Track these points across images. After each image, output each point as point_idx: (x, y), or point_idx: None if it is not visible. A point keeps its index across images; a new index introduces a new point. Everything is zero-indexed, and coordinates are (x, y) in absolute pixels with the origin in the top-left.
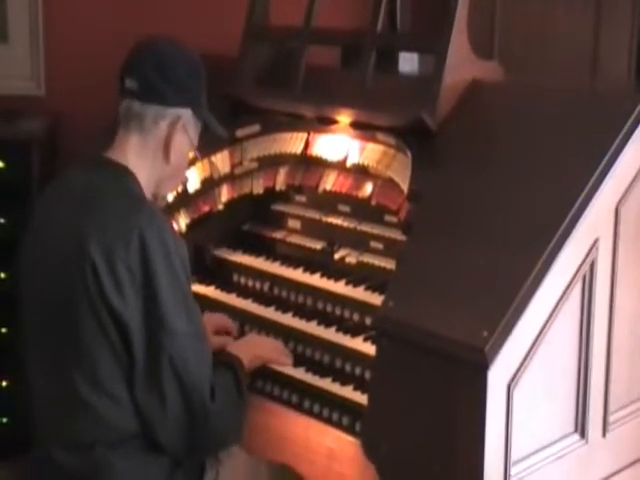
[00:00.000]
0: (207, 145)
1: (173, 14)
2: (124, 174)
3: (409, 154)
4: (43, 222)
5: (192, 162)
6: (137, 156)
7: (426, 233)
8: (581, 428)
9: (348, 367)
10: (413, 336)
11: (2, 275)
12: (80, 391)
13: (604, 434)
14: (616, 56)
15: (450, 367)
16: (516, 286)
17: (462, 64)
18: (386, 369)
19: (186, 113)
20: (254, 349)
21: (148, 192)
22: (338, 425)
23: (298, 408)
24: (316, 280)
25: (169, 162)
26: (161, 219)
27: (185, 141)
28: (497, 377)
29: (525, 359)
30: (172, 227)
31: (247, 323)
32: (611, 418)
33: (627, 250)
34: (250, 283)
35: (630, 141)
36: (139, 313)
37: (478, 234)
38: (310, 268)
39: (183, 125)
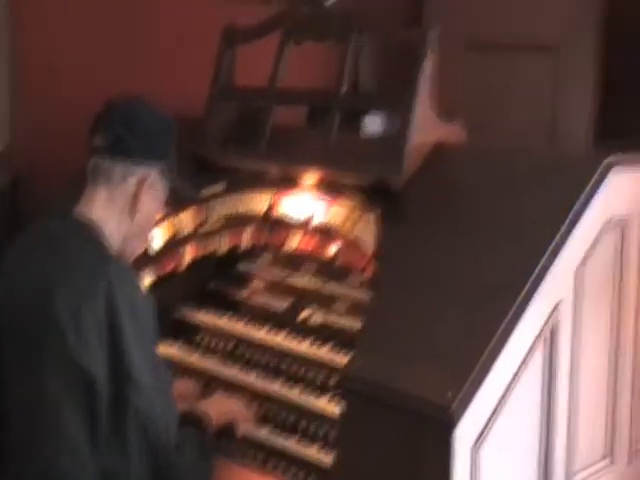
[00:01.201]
0: (172, 203)
1: (143, 72)
2: (92, 228)
3: (376, 212)
4: (11, 274)
5: (158, 222)
6: (104, 210)
7: (392, 290)
8: None
9: (313, 427)
10: (380, 394)
11: None
12: (43, 448)
13: None
14: (575, 120)
15: (416, 426)
16: (481, 346)
17: (427, 126)
18: (352, 426)
19: (154, 171)
20: (220, 407)
21: (115, 248)
22: None
23: (263, 468)
24: (281, 339)
25: (136, 219)
26: (129, 273)
27: (153, 199)
28: (463, 436)
29: (490, 419)
30: (139, 282)
31: (211, 383)
32: (575, 479)
33: (589, 313)
34: (214, 342)
35: (590, 204)
36: (105, 367)
37: (443, 292)
38: (275, 327)
39: (151, 183)
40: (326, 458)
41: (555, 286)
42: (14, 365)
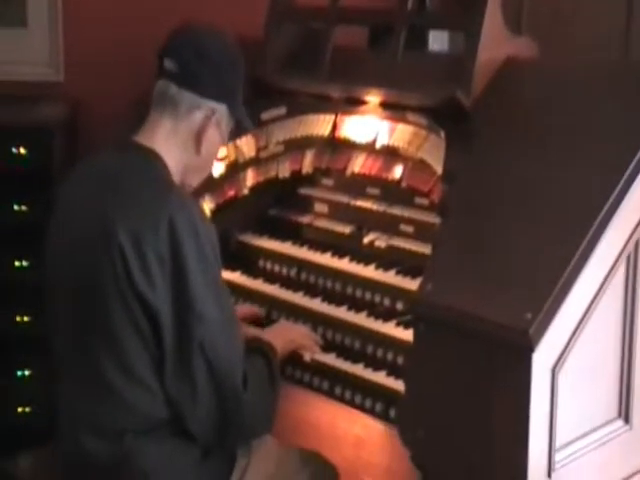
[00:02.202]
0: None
1: None
2: (153, 159)
3: (442, 134)
4: (69, 207)
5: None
6: (167, 142)
7: (463, 215)
8: (625, 413)
9: (380, 353)
10: (453, 319)
11: (25, 263)
12: (110, 379)
13: None
14: None
15: (493, 350)
16: (560, 268)
17: (496, 42)
18: (424, 353)
19: (221, 108)
20: (286, 335)
21: (175, 179)
22: (371, 412)
23: (329, 395)
24: (345, 265)
25: (199, 154)
26: (191, 203)
27: (217, 135)
28: (541, 360)
29: (569, 342)
30: (202, 212)
31: (274, 309)
32: None
33: None
34: (277, 268)
35: None
36: (168, 299)
37: (517, 215)
38: (338, 252)
39: (217, 120)
40: (394, 384)
41: (636, 203)
42: (72, 304)
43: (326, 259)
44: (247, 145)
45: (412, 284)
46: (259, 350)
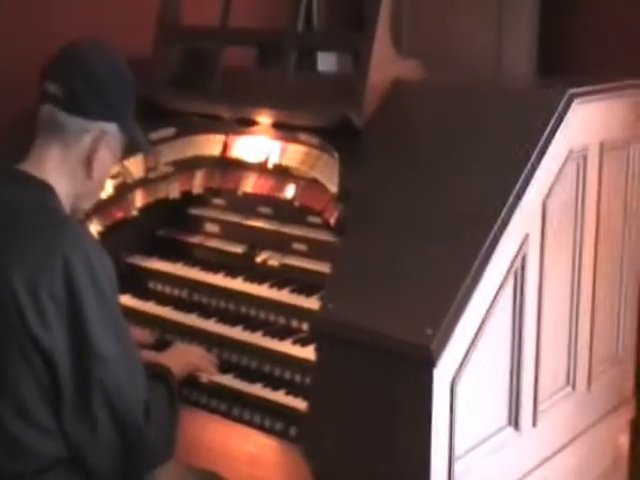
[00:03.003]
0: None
1: (92, 12)
2: (44, 190)
3: (335, 154)
4: None
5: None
6: (57, 171)
7: (360, 232)
8: (515, 420)
9: (277, 371)
10: (355, 337)
11: None
12: (7, 425)
13: (534, 424)
14: (518, 56)
15: (395, 366)
16: (456, 283)
17: (385, 63)
18: (328, 372)
19: (112, 127)
20: (181, 358)
21: (67, 207)
22: (271, 431)
23: (227, 416)
24: (238, 284)
25: (91, 178)
26: (86, 238)
27: (108, 156)
28: (442, 374)
29: (466, 355)
30: (96, 242)
31: (168, 331)
32: (540, 407)
33: (553, 244)
34: (168, 290)
35: (555, 136)
36: (65, 342)
37: (413, 231)
38: (231, 272)
39: (108, 141)
40: (293, 402)
41: (524, 219)
42: None
43: (219, 279)
44: (135, 166)
45: (307, 302)
46: (159, 376)
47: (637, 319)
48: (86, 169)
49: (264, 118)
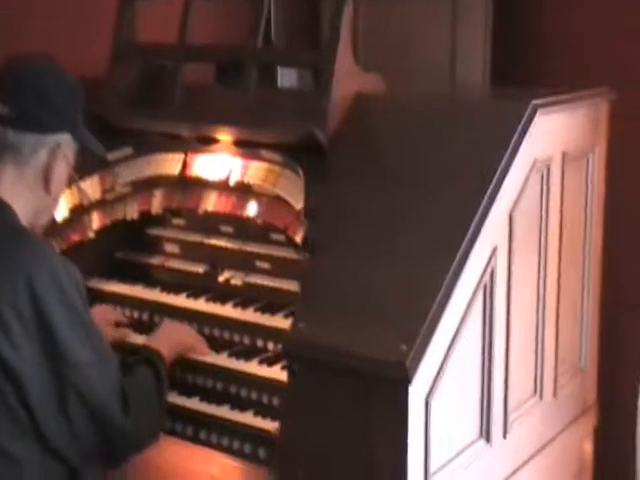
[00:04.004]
0: (75, 170)
1: (44, 29)
2: (2, 208)
3: (299, 170)
4: None
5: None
6: (13, 189)
7: (329, 250)
8: (486, 432)
9: (244, 392)
10: (328, 357)
11: None
12: None
13: (505, 435)
14: (472, 64)
15: (370, 385)
16: (428, 299)
17: (348, 77)
18: (300, 393)
19: (65, 138)
20: (171, 337)
21: (26, 223)
22: (240, 454)
23: (194, 440)
24: (201, 305)
25: (49, 192)
26: (49, 253)
27: (65, 167)
28: (417, 391)
29: (440, 370)
30: (59, 255)
31: (128, 354)
32: (510, 418)
33: (520, 256)
34: (128, 313)
35: (520, 147)
36: (37, 357)
37: (381, 248)
38: (194, 293)
39: (63, 151)
40: (262, 424)
41: (492, 232)
42: None
43: (181, 300)
44: (92, 187)
45: (272, 320)
46: (146, 360)
47: (598, 326)
48: (44, 183)
49: (225, 135)
